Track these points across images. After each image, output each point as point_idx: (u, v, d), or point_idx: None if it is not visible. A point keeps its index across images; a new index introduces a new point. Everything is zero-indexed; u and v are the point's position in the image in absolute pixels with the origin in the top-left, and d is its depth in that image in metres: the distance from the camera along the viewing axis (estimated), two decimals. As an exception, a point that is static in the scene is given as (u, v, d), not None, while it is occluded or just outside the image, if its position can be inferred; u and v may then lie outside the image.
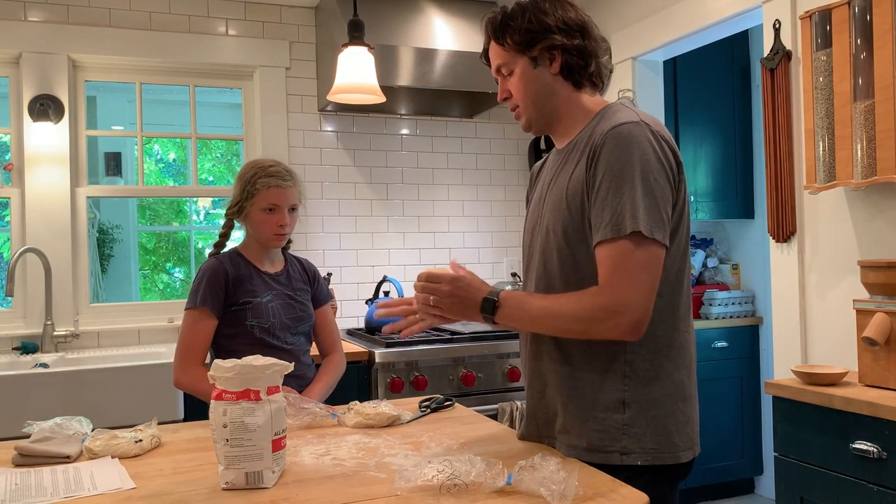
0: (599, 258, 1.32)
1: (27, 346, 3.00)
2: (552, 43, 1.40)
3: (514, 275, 3.81)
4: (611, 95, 3.47)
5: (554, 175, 1.47)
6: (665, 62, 3.46)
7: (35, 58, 3.14)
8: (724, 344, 3.81)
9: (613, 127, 1.33)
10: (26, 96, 3.12)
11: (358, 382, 2.85)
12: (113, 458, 1.44)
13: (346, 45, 2.55)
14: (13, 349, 3.04)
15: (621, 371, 1.36)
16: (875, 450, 1.84)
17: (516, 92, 1.47)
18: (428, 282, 1.41)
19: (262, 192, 2.04)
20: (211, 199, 6.51)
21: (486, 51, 1.52)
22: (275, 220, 2.06)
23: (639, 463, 1.34)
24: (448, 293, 1.38)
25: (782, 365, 2.60)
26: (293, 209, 2.10)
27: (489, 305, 1.36)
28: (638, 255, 1.28)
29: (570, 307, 1.32)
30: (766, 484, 3.86)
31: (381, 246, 3.72)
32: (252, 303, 2.05)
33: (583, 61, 1.43)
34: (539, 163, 1.66)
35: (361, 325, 3.53)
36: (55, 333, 3.07)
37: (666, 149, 1.35)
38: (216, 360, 1.28)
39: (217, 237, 2.19)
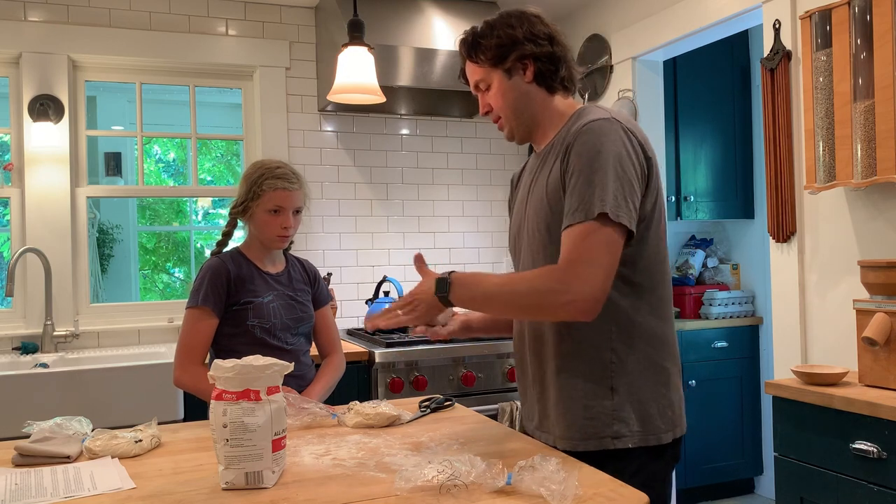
0: (563, 240, 1.37)
1: (27, 346, 3.00)
2: (523, 52, 1.48)
3: (514, 275, 3.80)
4: (611, 95, 3.47)
5: (533, 177, 1.54)
6: (665, 62, 3.46)
7: (35, 58, 3.15)
8: (724, 344, 3.81)
9: (585, 124, 1.40)
10: (26, 96, 3.12)
11: (358, 382, 2.85)
12: (113, 458, 1.44)
13: (346, 45, 2.55)
14: (13, 349, 3.04)
15: (608, 359, 1.42)
16: (875, 450, 1.84)
17: (495, 103, 1.53)
18: (399, 306, 1.49)
19: (268, 194, 2.04)
20: (211, 199, 6.51)
21: (463, 71, 1.60)
22: (279, 221, 2.06)
23: (629, 446, 1.40)
24: (410, 302, 1.46)
25: (782, 365, 2.61)
26: (298, 211, 2.10)
27: (442, 285, 1.42)
28: (599, 235, 1.32)
29: (526, 283, 1.36)
30: (766, 484, 3.85)
31: (381, 246, 3.72)
32: (253, 303, 2.05)
33: (554, 67, 1.51)
34: (519, 169, 1.72)
35: (361, 325, 3.53)
36: (55, 333, 3.07)
37: (636, 144, 1.41)
38: (216, 360, 1.28)
39: (217, 236, 2.19)
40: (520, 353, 1.60)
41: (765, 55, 2.62)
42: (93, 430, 1.57)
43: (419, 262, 1.52)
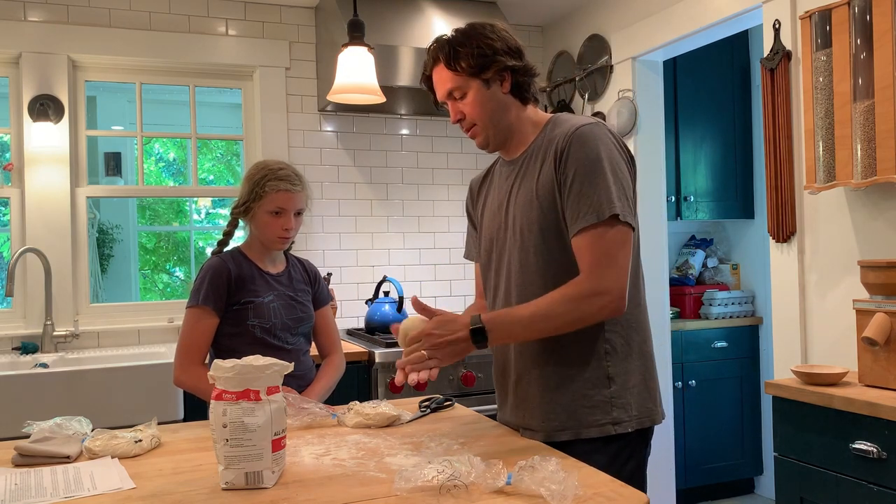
0: (579, 245, 1.43)
1: (27, 346, 3.00)
2: (504, 65, 1.52)
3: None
4: (611, 95, 3.47)
5: (512, 183, 1.58)
6: (665, 62, 3.46)
7: (35, 58, 3.14)
8: (724, 344, 3.81)
9: (577, 128, 1.47)
10: (26, 96, 3.12)
11: (358, 382, 2.85)
12: (113, 458, 1.44)
13: (346, 45, 2.55)
14: (13, 349, 3.04)
15: (603, 349, 1.50)
16: (875, 450, 1.84)
17: (472, 112, 1.55)
18: (413, 344, 1.45)
19: (270, 195, 2.03)
20: (211, 198, 6.51)
21: (427, 77, 1.61)
22: (280, 223, 2.05)
23: (629, 430, 1.48)
24: (436, 345, 1.42)
25: (782, 365, 2.61)
26: (299, 213, 2.10)
27: (479, 335, 1.41)
28: (614, 237, 1.41)
29: (560, 303, 1.41)
30: (766, 484, 3.86)
31: (381, 246, 3.72)
32: (254, 303, 2.05)
33: (528, 79, 1.56)
34: (478, 177, 1.77)
35: (361, 325, 3.53)
36: (55, 333, 3.07)
37: (622, 145, 1.51)
38: (216, 360, 1.28)
39: (217, 236, 2.19)
40: (502, 353, 1.63)
41: (765, 55, 2.62)
42: (93, 430, 1.57)
43: (419, 304, 1.48)
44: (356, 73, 2.54)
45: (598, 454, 1.44)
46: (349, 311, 3.61)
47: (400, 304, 3.27)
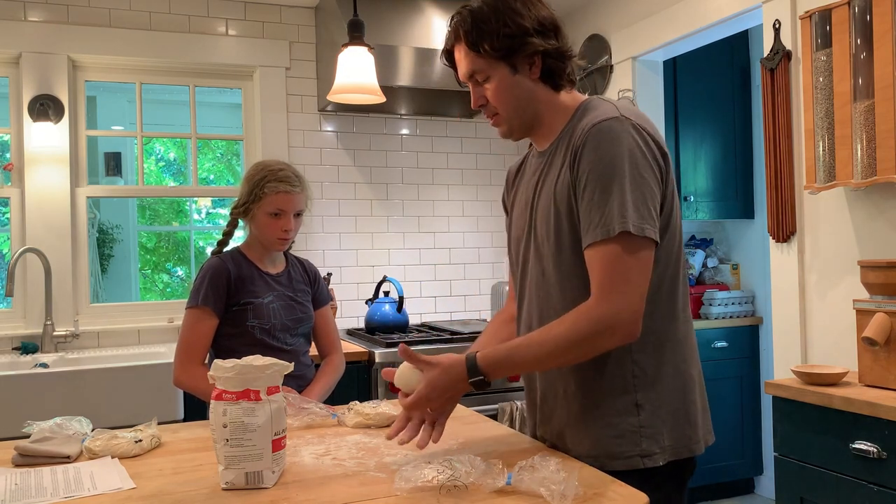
0: (590, 262, 1.27)
1: (27, 346, 3.00)
2: (534, 49, 1.33)
3: (514, 275, 3.80)
4: (611, 95, 3.47)
5: (539, 179, 1.42)
6: (665, 62, 3.46)
7: (35, 58, 3.14)
8: (724, 344, 3.81)
9: (594, 124, 1.28)
10: (26, 96, 3.12)
11: (358, 382, 2.85)
12: (113, 458, 1.44)
13: (346, 45, 2.55)
14: (13, 349, 3.04)
15: (630, 372, 1.32)
16: (875, 450, 1.84)
17: (495, 100, 1.39)
18: (413, 410, 1.34)
19: (269, 197, 2.03)
20: (211, 198, 6.51)
21: (448, 52, 1.45)
22: (280, 224, 2.05)
23: (660, 463, 1.31)
24: (438, 408, 1.34)
25: (782, 365, 2.60)
26: (299, 214, 2.09)
27: (479, 384, 1.31)
28: (627, 257, 1.23)
29: (565, 338, 1.26)
30: (766, 484, 3.85)
31: (381, 246, 3.72)
32: (253, 303, 2.05)
33: (562, 63, 1.37)
34: (515, 165, 1.61)
35: (361, 325, 3.53)
36: (55, 333, 3.07)
37: (650, 142, 1.29)
38: (216, 360, 1.28)
39: (217, 235, 2.19)
40: (538, 372, 1.48)
41: (765, 55, 2.62)
42: (93, 430, 1.57)
43: (407, 352, 1.33)
44: (356, 73, 2.54)
45: None
46: (349, 311, 3.61)
47: (400, 304, 3.27)
